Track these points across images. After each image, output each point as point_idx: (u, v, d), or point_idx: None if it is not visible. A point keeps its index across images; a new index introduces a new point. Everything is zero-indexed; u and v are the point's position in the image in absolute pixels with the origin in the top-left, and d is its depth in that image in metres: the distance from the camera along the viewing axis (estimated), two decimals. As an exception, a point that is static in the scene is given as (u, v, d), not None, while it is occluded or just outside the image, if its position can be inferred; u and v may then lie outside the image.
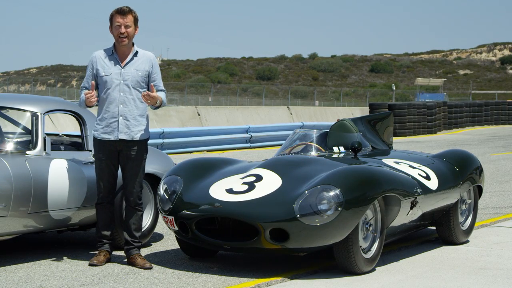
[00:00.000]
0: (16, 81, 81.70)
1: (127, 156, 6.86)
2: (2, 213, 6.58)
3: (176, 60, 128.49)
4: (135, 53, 6.91)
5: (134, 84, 6.86)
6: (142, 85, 6.90)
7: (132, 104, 6.86)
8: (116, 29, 6.83)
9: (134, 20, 6.87)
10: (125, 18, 6.82)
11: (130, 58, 6.89)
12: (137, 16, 6.91)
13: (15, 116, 7.41)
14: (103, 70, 6.86)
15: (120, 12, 6.83)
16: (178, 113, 25.88)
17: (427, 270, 6.93)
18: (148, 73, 6.92)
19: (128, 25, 6.82)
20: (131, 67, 6.88)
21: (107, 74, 6.84)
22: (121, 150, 6.85)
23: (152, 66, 6.94)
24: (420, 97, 63.71)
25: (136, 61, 6.90)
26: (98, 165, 6.90)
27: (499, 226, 9.26)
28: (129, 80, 6.85)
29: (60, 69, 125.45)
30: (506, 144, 24.97)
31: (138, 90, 6.87)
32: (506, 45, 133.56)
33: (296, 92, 79.08)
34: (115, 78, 6.83)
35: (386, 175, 6.97)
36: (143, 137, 6.90)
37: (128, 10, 6.85)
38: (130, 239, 6.92)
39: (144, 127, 6.90)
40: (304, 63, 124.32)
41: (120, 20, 6.81)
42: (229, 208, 6.54)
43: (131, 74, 6.86)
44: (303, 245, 6.43)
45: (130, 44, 6.90)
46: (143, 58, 6.94)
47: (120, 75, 6.85)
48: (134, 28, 6.87)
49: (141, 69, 6.89)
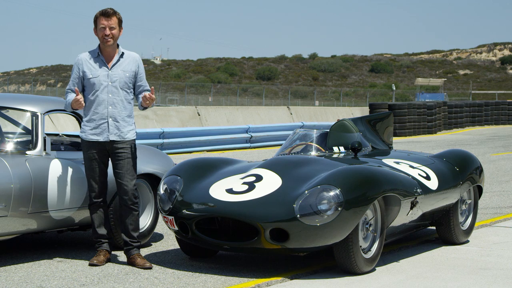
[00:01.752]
0: (16, 81, 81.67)
1: (118, 156, 6.89)
2: (2, 213, 6.58)
3: (176, 60, 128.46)
4: (121, 54, 6.97)
5: (122, 85, 6.92)
6: (130, 86, 6.96)
7: (120, 105, 6.90)
8: (101, 31, 6.90)
9: (119, 22, 6.95)
10: (110, 20, 6.90)
11: (116, 59, 6.95)
12: (121, 18, 6.99)
13: (15, 116, 7.42)
14: (90, 72, 6.91)
15: (104, 14, 6.91)
16: (178, 113, 25.88)
17: (427, 270, 6.93)
18: (135, 74, 6.98)
19: (113, 27, 6.89)
20: (118, 68, 6.93)
21: (94, 76, 6.89)
22: (110, 150, 6.89)
23: (138, 66, 7.01)
24: (420, 97, 63.72)
25: (122, 62, 6.96)
26: (88, 165, 6.93)
27: (499, 226, 9.26)
28: (117, 81, 6.90)
29: (60, 69, 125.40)
30: (506, 144, 24.96)
31: (125, 91, 6.93)
32: (506, 45, 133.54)
33: (296, 92, 79.08)
34: (103, 80, 6.88)
35: (386, 175, 6.97)
36: (132, 136, 6.98)
37: (113, 12, 6.93)
38: (129, 239, 6.93)
39: (132, 127, 6.97)
40: (304, 63, 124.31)
41: (104, 22, 6.88)
42: (229, 208, 6.54)
43: (119, 75, 6.91)
44: (303, 245, 6.43)
45: (115, 45, 6.96)
46: (129, 59, 7.00)
47: (108, 76, 6.90)
48: (118, 29, 6.95)
49: (128, 70, 6.94)
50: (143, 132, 19.60)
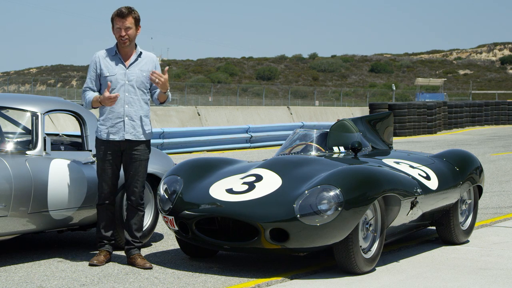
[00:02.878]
0: (16, 81, 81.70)
1: (131, 156, 6.86)
2: (2, 213, 6.58)
3: (176, 60, 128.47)
4: (139, 53, 6.92)
5: (139, 85, 6.87)
6: (146, 86, 6.90)
7: (137, 105, 6.86)
8: (117, 32, 6.81)
9: (135, 21, 6.83)
10: (125, 21, 6.78)
11: (134, 58, 6.89)
12: (137, 16, 6.85)
13: (15, 116, 7.41)
14: (108, 70, 6.85)
15: (119, 15, 6.78)
16: (178, 113, 25.88)
17: (427, 270, 6.93)
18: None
19: (129, 27, 6.79)
20: (135, 67, 6.88)
21: (111, 75, 6.83)
22: (124, 150, 6.85)
23: (155, 67, 6.95)
24: (420, 97, 63.71)
25: (140, 62, 6.90)
26: (101, 166, 6.89)
27: (499, 226, 9.26)
28: (134, 80, 6.85)
29: (60, 69, 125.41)
30: (506, 144, 24.96)
31: (142, 91, 6.88)
32: (506, 45, 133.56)
33: (296, 92, 79.08)
34: (120, 79, 6.83)
35: (386, 175, 6.97)
36: (148, 137, 6.92)
37: (128, 12, 6.79)
38: (131, 239, 6.92)
39: (149, 127, 6.92)
40: (304, 63, 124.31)
41: (119, 23, 6.78)
42: (229, 208, 6.54)
43: (136, 75, 6.86)
44: (303, 245, 6.43)
45: (132, 45, 6.89)
46: (147, 58, 6.95)
47: (125, 75, 6.84)
48: (135, 29, 6.84)
49: (145, 70, 6.89)
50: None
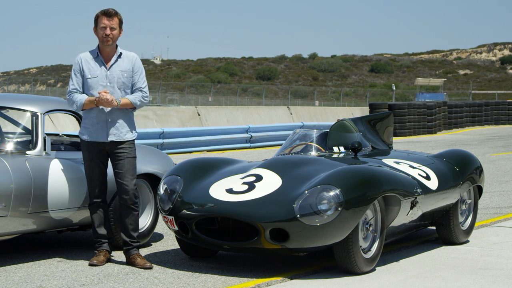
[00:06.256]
0: (16, 81, 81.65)
1: (117, 156, 6.89)
2: (2, 213, 6.58)
3: (176, 60, 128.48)
4: (119, 54, 6.96)
5: (120, 86, 6.91)
6: (128, 86, 6.95)
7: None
8: (101, 30, 6.90)
9: (119, 23, 6.95)
10: (111, 20, 6.90)
11: (114, 59, 6.94)
12: (122, 19, 6.99)
13: (15, 116, 7.42)
14: (89, 72, 6.91)
15: (106, 14, 6.90)
16: (178, 113, 25.88)
17: (427, 270, 6.93)
18: (132, 73, 6.96)
19: (114, 27, 6.90)
20: (116, 68, 6.93)
21: (93, 76, 6.90)
22: (109, 150, 6.89)
23: (134, 65, 6.98)
24: (420, 97, 63.69)
25: (120, 63, 6.96)
26: (88, 165, 6.94)
27: (499, 226, 9.26)
28: (115, 81, 6.90)
29: (60, 69, 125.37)
30: (506, 144, 24.96)
31: (124, 91, 6.93)
32: (506, 45, 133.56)
33: (296, 92, 79.06)
34: (101, 80, 6.89)
35: (386, 175, 6.97)
36: (132, 137, 6.98)
37: (114, 12, 6.94)
38: (129, 239, 6.93)
39: (132, 127, 6.97)
40: (304, 63, 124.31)
41: (106, 22, 6.88)
42: (229, 208, 6.54)
43: (117, 76, 6.91)
44: (303, 245, 6.43)
45: (114, 45, 6.96)
46: (127, 59, 7.00)
47: (106, 77, 6.90)
48: (119, 30, 6.95)
49: (126, 70, 6.94)
50: (143, 132, 19.59)
